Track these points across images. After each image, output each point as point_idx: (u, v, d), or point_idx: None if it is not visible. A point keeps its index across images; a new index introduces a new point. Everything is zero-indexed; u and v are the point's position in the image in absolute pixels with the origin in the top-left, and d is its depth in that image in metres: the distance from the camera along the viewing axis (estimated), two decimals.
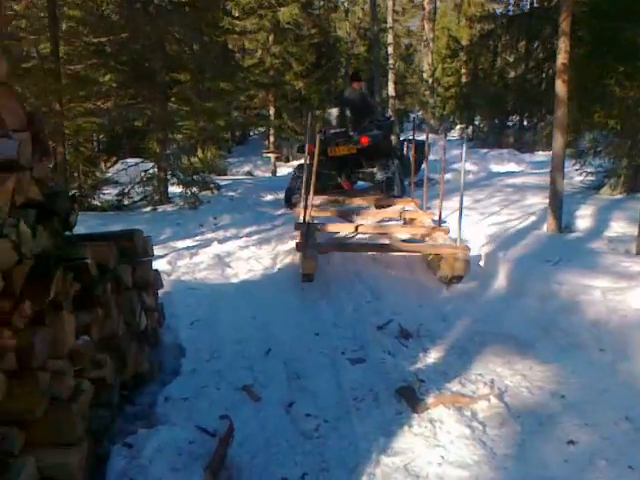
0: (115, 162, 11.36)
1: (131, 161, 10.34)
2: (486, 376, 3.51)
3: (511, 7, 21.53)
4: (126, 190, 9.33)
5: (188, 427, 2.90)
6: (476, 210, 7.08)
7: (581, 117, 8.00)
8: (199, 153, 11.36)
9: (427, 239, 6.08)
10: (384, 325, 4.37)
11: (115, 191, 9.47)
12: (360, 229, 6.29)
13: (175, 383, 3.52)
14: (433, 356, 3.86)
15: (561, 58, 6.21)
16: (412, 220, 6.83)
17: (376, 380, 3.51)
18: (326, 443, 2.91)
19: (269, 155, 16.37)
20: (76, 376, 2.65)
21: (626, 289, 4.03)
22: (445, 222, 6.30)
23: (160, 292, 4.17)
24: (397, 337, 4.17)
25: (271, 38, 16.26)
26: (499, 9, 24.04)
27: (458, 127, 21.98)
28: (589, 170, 8.40)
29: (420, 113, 25.23)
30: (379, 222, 7.08)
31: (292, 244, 6.06)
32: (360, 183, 9.09)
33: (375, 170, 8.28)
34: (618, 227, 6.02)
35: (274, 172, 15.73)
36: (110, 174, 9.85)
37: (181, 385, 3.49)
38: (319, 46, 19.31)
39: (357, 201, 7.70)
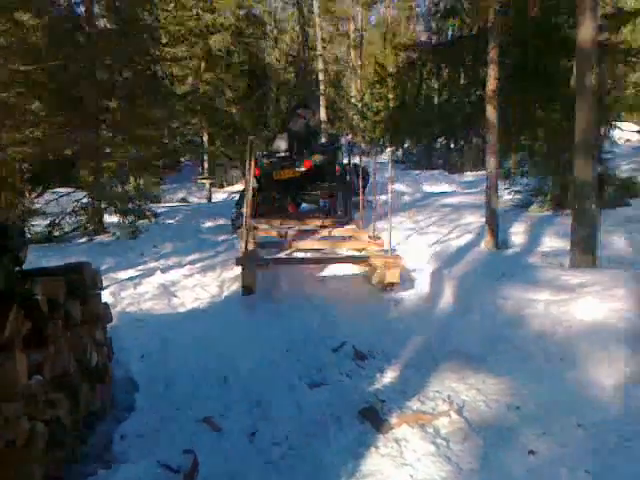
0: (42, 192, 10.94)
1: (62, 191, 9.99)
2: (443, 392, 3.58)
3: (433, 37, 22.39)
4: (57, 221, 8.99)
5: (150, 464, 2.80)
6: (417, 230, 7.28)
7: (508, 140, 8.41)
8: (132, 181, 11.13)
9: (364, 252, 6.37)
10: (338, 348, 4.39)
11: (45, 222, 9.10)
12: (301, 246, 6.59)
13: (131, 419, 3.40)
14: (390, 376, 3.91)
15: (490, 85, 6.54)
16: (350, 237, 7.04)
17: (337, 403, 3.51)
18: (294, 471, 2.88)
19: (203, 181, 16.25)
20: (30, 418, 2.52)
21: (567, 301, 4.23)
22: (380, 238, 6.50)
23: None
24: (352, 359, 4.20)
25: (202, 65, 16.25)
26: (422, 37, 25.06)
27: (388, 150, 22.54)
28: (517, 189, 8.83)
29: (350, 137, 25.71)
30: (320, 240, 7.22)
31: (238, 270, 6.05)
32: (305, 206, 9.22)
33: (319, 193, 8.47)
34: (550, 242, 6.34)
35: (209, 198, 15.60)
36: (40, 205, 9.46)
37: (137, 421, 3.38)
38: (250, 73, 19.47)
39: (301, 222, 7.82)
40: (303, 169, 8.19)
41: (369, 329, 4.74)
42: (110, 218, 9.15)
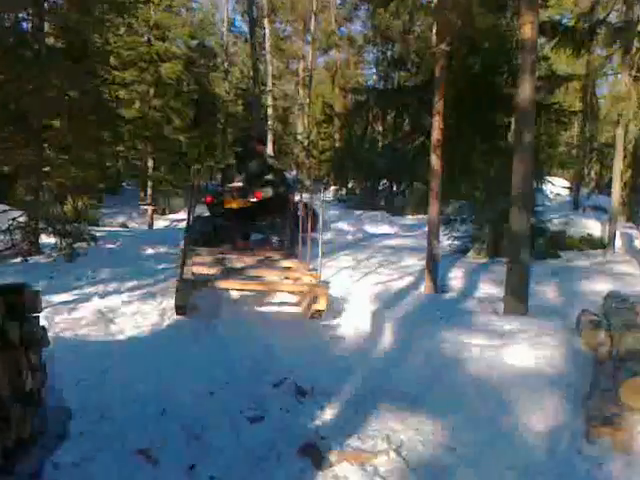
0: None
1: None
2: (382, 431, 3.64)
3: (380, 82, 23.18)
4: None
5: None
6: (359, 270, 7.42)
7: (449, 187, 8.77)
8: (69, 202, 10.86)
9: (298, 282, 6.58)
10: (279, 383, 4.39)
11: None
12: (242, 272, 6.74)
13: (64, 448, 3.28)
14: (330, 413, 3.95)
15: (435, 135, 6.83)
16: (289, 268, 7.16)
17: (277, 438, 3.51)
18: None
19: (146, 207, 16.02)
20: None
21: (500, 346, 4.42)
22: (316, 270, 6.66)
23: None
24: (294, 394, 4.21)
25: (152, 91, 16.20)
26: (370, 81, 25.93)
27: (332, 188, 22.95)
28: (456, 235, 9.17)
29: (294, 173, 26.04)
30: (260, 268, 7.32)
31: None
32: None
33: (267, 224, 8.69)
34: (486, 288, 6.62)
35: (151, 225, 15.37)
36: None
37: (71, 450, 3.26)
38: (199, 103, 19.56)
39: (246, 253, 7.91)
40: (254, 200, 8.34)
41: (311, 366, 4.76)
42: (46, 239, 8.88)
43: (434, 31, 8.42)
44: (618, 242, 9.28)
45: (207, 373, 4.53)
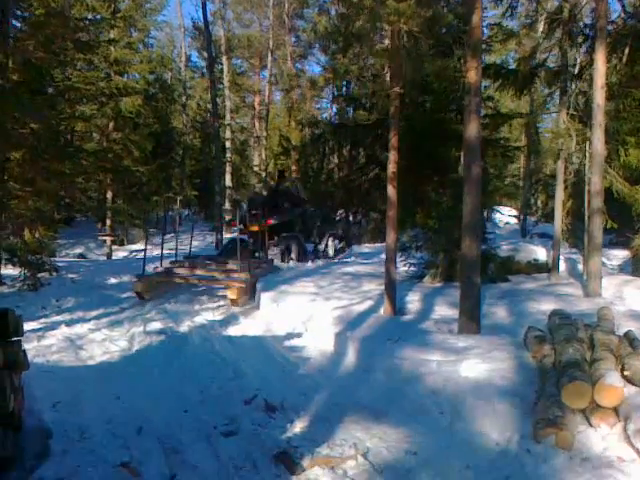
0: None
1: None
2: (349, 440, 3.92)
3: (336, 116, 23.81)
4: None
5: None
6: (321, 295, 7.72)
7: (405, 217, 9.22)
8: (27, 233, 10.86)
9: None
10: (250, 400, 4.62)
11: None
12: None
13: (46, 465, 3.43)
14: (300, 426, 4.19)
15: (391, 168, 7.25)
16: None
17: (252, 449, 3.74)
18: None
19: (105, 238, 15.98)
20: None
21: (456, 361, 4.77)
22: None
23: None
24: (264, 410, 4.45)
25: (111, 125, 16.33)
26: (325, 114, 26.60)
27: None
28: (412, 261, 9.59)
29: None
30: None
31: (148, 326, 6.26)
32: None
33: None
34: (441, 310, 7.00)
35: (109, 255, 15.32)
36: None
37: (53, 466, 3.41)
38: (157, 135, 19.72)
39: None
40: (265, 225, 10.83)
41: (279, 384, 5.02)
42: (6, 271, 8.88)
43: (388, 74, 8.96)
44: (563, 266, 9.85)
45: (180, 394, 4.73)
